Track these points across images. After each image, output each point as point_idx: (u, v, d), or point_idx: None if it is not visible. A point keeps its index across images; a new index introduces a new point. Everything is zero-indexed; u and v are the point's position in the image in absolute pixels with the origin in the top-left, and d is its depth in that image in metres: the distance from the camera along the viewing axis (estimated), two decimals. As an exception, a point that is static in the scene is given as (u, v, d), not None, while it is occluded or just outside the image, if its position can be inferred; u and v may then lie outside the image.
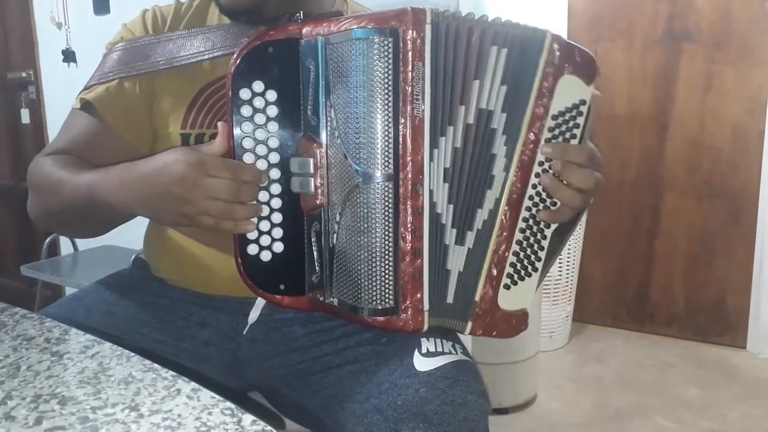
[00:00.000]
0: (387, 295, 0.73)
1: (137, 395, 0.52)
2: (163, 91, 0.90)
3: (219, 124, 0.75)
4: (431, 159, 0.72)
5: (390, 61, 0.69)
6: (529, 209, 0.77)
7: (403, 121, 0.70)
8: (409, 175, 0.71)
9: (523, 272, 0.79)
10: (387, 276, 0.73)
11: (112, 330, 0.87)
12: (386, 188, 0.71)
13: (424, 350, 0.77)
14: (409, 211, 0.72)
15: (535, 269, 0.79)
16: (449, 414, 0.69)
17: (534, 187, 0.77)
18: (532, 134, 0.75)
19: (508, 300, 0.78)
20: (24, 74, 2.89)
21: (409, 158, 0.71)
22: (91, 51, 2.43)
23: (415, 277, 0.73)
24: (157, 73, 0.90)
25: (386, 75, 0.69)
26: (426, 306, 0.74)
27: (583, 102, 0.76)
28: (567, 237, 0.83)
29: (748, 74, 2.42)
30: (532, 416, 2.05)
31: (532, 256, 0.79)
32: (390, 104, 0.70)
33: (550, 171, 0.76)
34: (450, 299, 0.77)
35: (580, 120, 0.77)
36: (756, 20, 2.38)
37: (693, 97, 2.52)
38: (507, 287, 0.78)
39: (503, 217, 0.76)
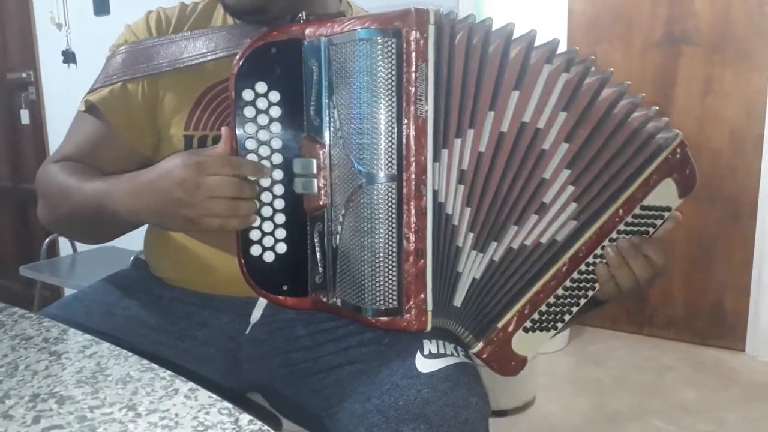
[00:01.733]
0: (390, 296, 0.73)
1: (135, 395, 0.52)
2: (167, 93, 0.90)
3: (222, 128, 0.75)
4: (436, 159, 0.72)
5: (393, 61, 0.69)
6: (581, 272, 0.79)
7: (406, 121, 0.70)
8: (413, 176, 0.71)
9: (545, 324, 0.80)
10: (390, 276, 0.73)
11: (111, 330, 0.87)
12: (389, 189, 0.71)
13: (426, 351, 0.77)
14: (413, 211, 0.71)
15: (555, 327, 0.81)
16: (450, 416, 0.69)
17: (595, 257, 0.79)
18: (621, 210, 0.78)
19: (520, 342, 0.79)
20: (24, 75, 2.89)
21: (412, 159, 0.70)
22: (91, 52, 2.44)
23: (418, 278, 0.73)
24: (160, 74, 0.90)
25: (389, 76, 0.69)
26: (429, 306, 0.74)
27: (669, 208, 0.80)
28: (592, 312, 0.85)
29: (747, 77, 2.42)
30: (530, 418, 2.05)
31: (559, 315, 0.80)
32: (393, 105, 0.70)
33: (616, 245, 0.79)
34: (458, 303, 0.77)
35: (659, 222, 0.80)
36: (754, 23, 2.39)
37: (691, 100, 2.52)
38: (525, 330, 0.79)
39: (561, 268, 0.78)
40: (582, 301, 0.81)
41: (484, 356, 0.79)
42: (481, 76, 0.73)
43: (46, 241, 2.57)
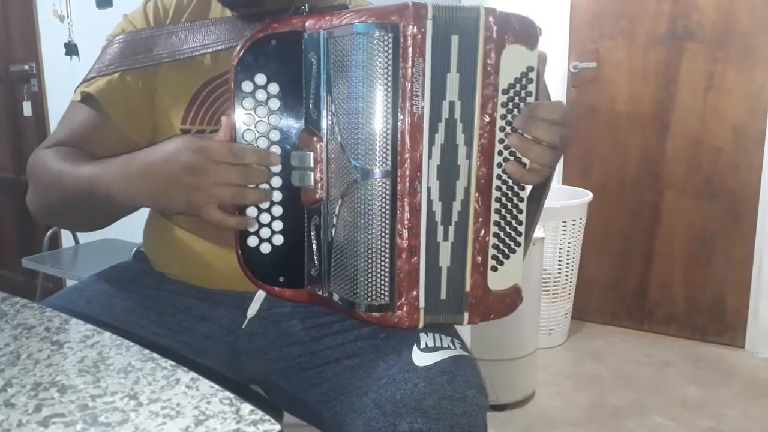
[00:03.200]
0: (383, 292, 0.73)
1: (136, 384, 0.52)
2: (164, 86, 0.90)
3: (222, 118, 0.75)
4: (430, 156, 0.72)
5: (390, 56, 0.69)
6: (499, 188, 0.76)
7: (401, 117, 0.70)
8: (407, 172, 0.71)
9: (507, 250, 0.78)
10: (383, 272, 0.73)
11: (111, 321, 0.87)
12: (384, 185, 0.71)
13: (423, 345, 0.77)
14: (407, 208, 0.71)
15: (518, 244, 0.78)
16: (448, 409, 0.69)
17: (500, 165, 0.75)
18: (486, 116, 0.73)
19: (498, 281, 0.78)
20: (26, 67, 2.89)
21: (407, 155, 0.70)
22: (94, 44, 2.43)
23: (411, 274, 0.73)
24: (158, 66, 0.89)
25: (386, 70, 0.69)
26: (422, 303, 0.74)
27: (531, 69, 0.74)
28: (543, 200, 0.82)
29: (750, 74, 2.42)
30: (529, 413, 2.05)
31: (513, 233, 0.78)
32: (389, 100, 0.69)
33: (519, 131, 0.74)
34: (443, 296, 0.77)
35: (532, 87, 0.75)
36: (758, 20, 2.38)
37: (694, 96, 2.52)
38: (494, 269, 0.78)
39: (476, 205, 0.75)
40: (522, 206, 0.77)
41: (477, 320, 0.78)
42: (445, 66, 0.71)
43: (49, 233, 2.58)
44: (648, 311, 2.72)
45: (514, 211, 0.77)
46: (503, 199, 0.77)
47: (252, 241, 0.77)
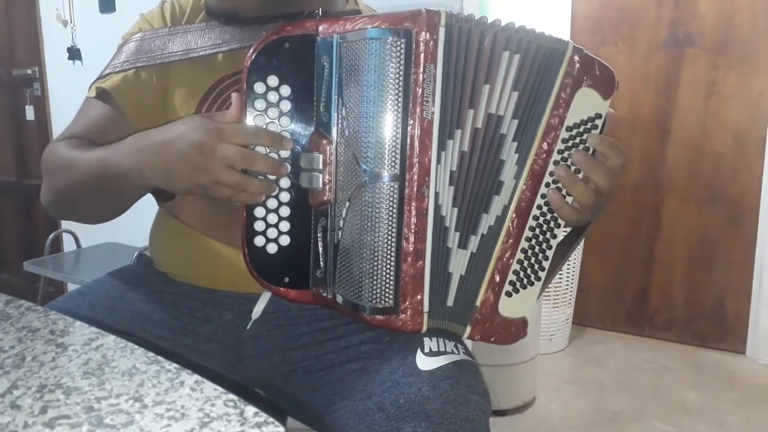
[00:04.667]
0: (387, 295, 0.73)
1: (141, 386, 0.52)
2: (177, 83, 0.91)
3: (233, 95, 0.76)
4: (438, 162, 0.73)
5: (402, 61, 0.69)
6: (536, 218, 0.78)
7: (411, 122, 0.70)
8: (416, 177, 0.71)
9: (525, 281, 0.79)
10: (388, 275, 0.73)
11: (115, 325, 0.87)
12: (392, 188, 0.71)
13: (426, 349, 0.77)
14: (414, 212, 0.72)
15: (538, 278, 0.80)
16: (451, 413, 0.69)
17: (543, 196, 0.77)
18: (545, 144, 0.76)
19: (509, 307, 0.79)
20: (29, 71, 2.90)
21: (416, 160, 0.71)
22: (96, 49, 2.45)
23: (416, 278, 0.73)
24: (172, 64, 0.90)
25: (397, 76, 0.70)
26: (426, 307, 0.75)
27: (599, 116, 0.77)
28: (572, 249, 0.84)
29: (750, 80, 2.42)
30: (530, 418, 2.05)
31: (536, 266, 0.79)
32: (400, 105, 0.70)
33: (569, 163, 0.76)
34: (450, 302, 0.78)
35: (595, 133, 0.77)
36: (758, 26, 2.39)
37: (695, 103, 2.52)
38: (509, 294, 0.79)
39: (510, 225, 0.77)
40: (553, 243, 0.79)
41: (477, 337, 0.79)
42: (467, 74, 0.73)
43: (50, 236, 2.58)
44: (649, 317, 2.72)
45: (544, 245, 0.79)
46: (537, 230, 0.78)
47: (259, 240, 0.77)
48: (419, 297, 0.74)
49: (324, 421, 0.82)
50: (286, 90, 0.75)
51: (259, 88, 0.74)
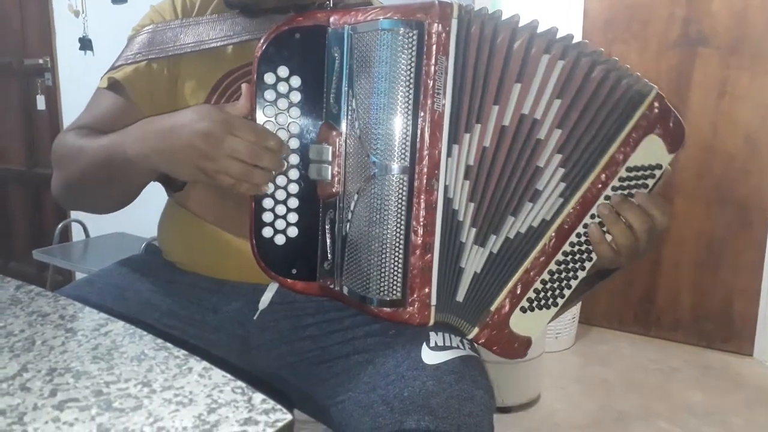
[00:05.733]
0: (395, 287, 0.73)
1: (150, 372, 0.53)
2: (187, 75, 0.91)
3: (243, 85, 0.76)
4: (449, 155, 0.72)
5: (413, 53, 0.69)
6: (573, 245, 0.77)
7: (422, 114, 0.70)
8: (425, 170, 0.71)
9: (543, 302, 0.79)
10: (396, 268, 0.73)
11: (124, 313, 0.87)
12: (401, 181, 0.71)
13: (432, 344, 0.77)
14: (423, 205, 0.72)
15: (555, 304, 0.79)
16: (455, 408, 0.69)
17: (585, 226, 0.77)
18: (604, 175, 0.76)
19: (519, 323, 0.79)
20: (41, 61, 2.91)
21: (426, 152, 0.71)
22: (108, 39, 2.45)
23: (424, 272, 0.73)
24: (182, 56, 0.90)
25: (409, 67, 0.69)
26: (433, 301, 0.75)
27: (659, 166, 0.77)
28: (590, 290, 0.83)
29: (763, 81, 2.40)
30: (535, 416, 2.05)
31: (558, 291, 0.79)
32: (410, 97, 0.70)
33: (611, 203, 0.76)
34: (460, 298, 0.77)
35: (650, 182, 0.77)
36: (773, 26, 2.37)
37: (706, 102, 2.51)
38: (523, 310, 0.78)
39: (548, 242, 0.76)
40: (580, 274, 0.79)
41: (482, 341, 0.78)
42: (489, 69, 0.72)
43: (60, 226, 2.60)
44: (655, 317, 2.71)
45: (571, 273, 0.79)
46: (569, 256, 0.78)
47: (267, 231, 0.77)
48: (427, 290, 0.74)
49: (328, 413, 0.82)
50: (296, 81, 0.75)
51: (269, 78, 0.74)
